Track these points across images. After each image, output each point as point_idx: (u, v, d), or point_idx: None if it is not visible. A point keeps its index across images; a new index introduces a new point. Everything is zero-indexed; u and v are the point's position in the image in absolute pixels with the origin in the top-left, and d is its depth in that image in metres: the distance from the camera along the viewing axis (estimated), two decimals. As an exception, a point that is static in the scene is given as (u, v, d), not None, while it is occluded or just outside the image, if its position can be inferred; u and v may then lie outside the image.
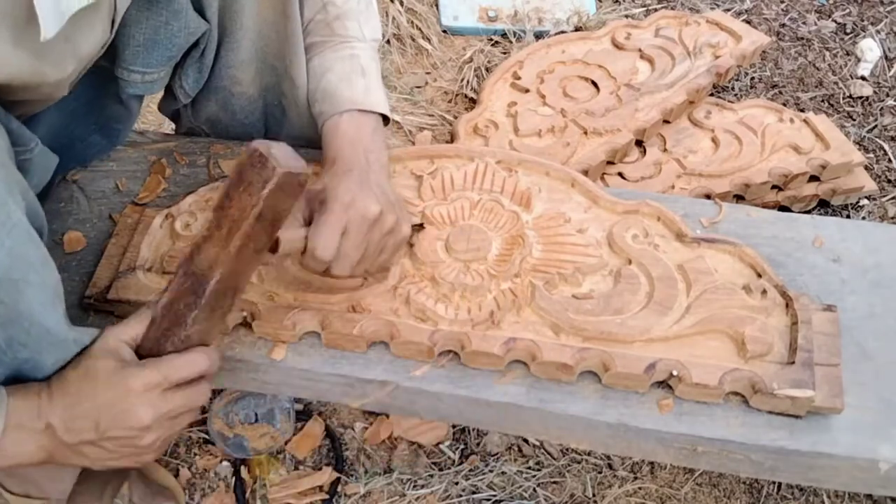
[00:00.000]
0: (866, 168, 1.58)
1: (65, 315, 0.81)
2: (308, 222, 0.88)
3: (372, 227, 0.88)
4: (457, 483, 1.24)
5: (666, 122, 1.52)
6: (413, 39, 1.85)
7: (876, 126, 1.75)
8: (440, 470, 1.26)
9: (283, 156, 0.74)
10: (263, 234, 0.76)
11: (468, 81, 1.76)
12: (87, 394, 0.76)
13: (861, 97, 1.80)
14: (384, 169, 0.96)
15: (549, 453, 1.29)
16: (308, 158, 1.03)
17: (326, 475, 1.23)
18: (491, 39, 1.88)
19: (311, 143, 1.13)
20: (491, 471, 1.26)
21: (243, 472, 1.24)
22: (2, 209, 0.72)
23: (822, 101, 1.80)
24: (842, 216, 1.56)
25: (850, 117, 1.77)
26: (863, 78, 1.85)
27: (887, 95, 1.81)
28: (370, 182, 0.91)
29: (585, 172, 1.36)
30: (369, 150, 0.96)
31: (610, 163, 1.45)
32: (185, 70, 1.05)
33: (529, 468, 1.27)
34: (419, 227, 0.99)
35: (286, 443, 1.26)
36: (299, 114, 1.11)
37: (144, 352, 0.79)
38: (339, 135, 0.97)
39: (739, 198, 1.47)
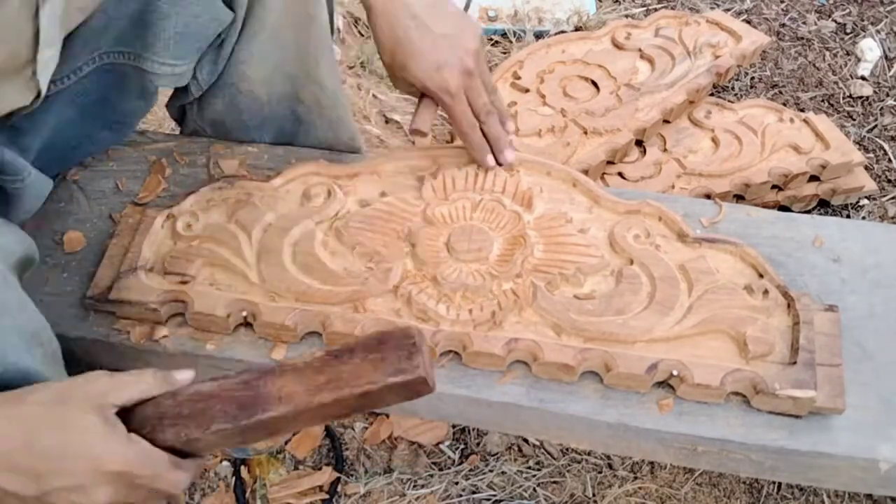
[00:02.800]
0: (866, 168, 1.58)
1: (46, 356, 0.75)
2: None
3: (475, 68, 0.97)
4: (457, 483, 1.24)
5: (666, 122, 1.52)
6: (413, 39, 1.85)
7: (876, 126, 1.75)
8: (440, 470, 1.26)
9: (428, 361, 0.66)
10: (351, 409, 0.66)
11: (468, 81, 1.76)
12: (47, 444, 0.63)
13: (861, 97, 1.80)
14: None
15: (549, 453, 1.29)
16: (329, 159, 1.03)
17: (326, 475, 1.23)
18: (491, 39, 1.88)
19: (332, 147, 1.13)
20: (491, 471, 1.26)
21: (243, 471, 1.24)
22: None
23: (822, 101, 1.80)
24: (842, 216, 1.56)
25: (850, 117, 1.77)
26: (863, 78, 1.85)
27: (887, 95, 1.81)
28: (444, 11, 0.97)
29: (585, 172, 1.36)
30: None
31: (610, 163, 1.46)
32: (200, 62, 1.04)
33: (529, 468, 1.27)
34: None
35: (286, 443, 1.26)
36: (321, 119, 1.11)
37: (136, 422, 0.67)
38: None
39: (739, 198, 1.47)
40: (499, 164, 1.04)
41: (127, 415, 0.67)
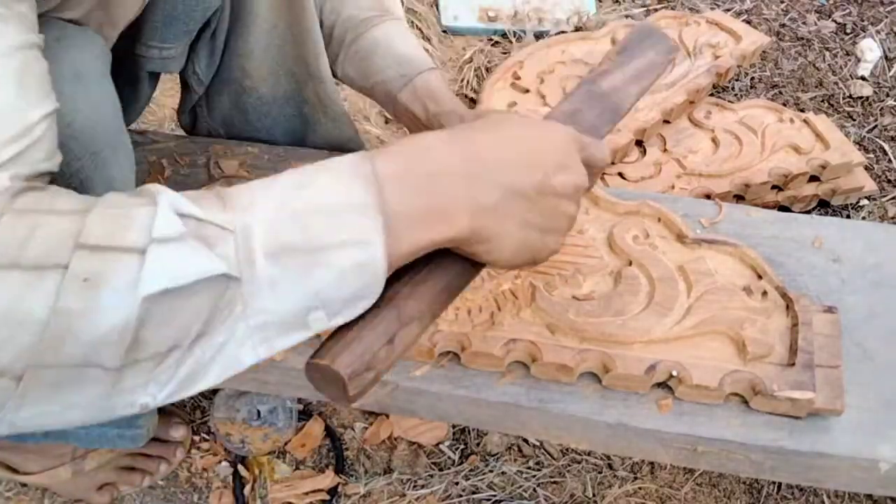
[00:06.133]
0: (866, 168, 1.58)
1: None
2: None
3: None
4: (457, 483, 1.24)
5: (666, 122, 1.52)
6: (413, 39, 1.85)
7: (876, 126, 1.75)
8: (440, 470, 1.26)
9: None
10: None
11: (468, 81, 1.76)
12: (530, 133, 0.66)
13: (861, 97, 1.80)
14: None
15: (549, 453, 1.29)
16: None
17: (329, 479, 1.23)
18: (491, 39, 1.88)
19: (338, 147, 1.13)
20: (491, 471, 1.26)
21: (243, 471, 1.24)
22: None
23: (822, 101, 1.80)
24: (842, 216, 1.56)
25: (850, 117, 1.77)
26: (863, 78, 1.85)
27: (887, 95, 1.81)
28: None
29: (585, 172, 1.36)
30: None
31: (610, 163, 1.46)
32: (197, 53, 1.07)
33: (529, 468, 1.27)
34: None
35: (286, 443, 1.27)
36: (326, 116, 1.12)
37: None
38: (443, 88, 1.02)
39: (739, 198, 1.47)
40: None
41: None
